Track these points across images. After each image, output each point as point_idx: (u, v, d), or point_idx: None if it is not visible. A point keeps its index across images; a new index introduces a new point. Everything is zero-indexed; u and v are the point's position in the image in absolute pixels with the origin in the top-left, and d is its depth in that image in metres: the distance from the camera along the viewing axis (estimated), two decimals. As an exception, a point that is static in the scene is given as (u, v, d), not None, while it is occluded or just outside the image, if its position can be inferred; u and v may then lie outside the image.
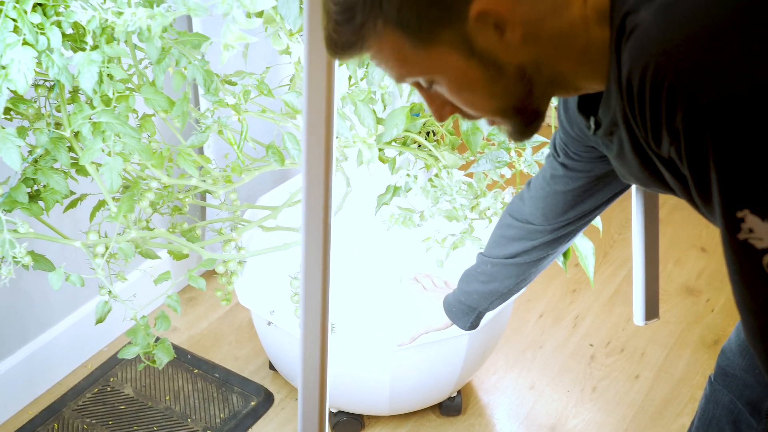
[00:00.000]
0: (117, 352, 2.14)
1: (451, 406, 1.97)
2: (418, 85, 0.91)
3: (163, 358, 1.47)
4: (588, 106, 0.99)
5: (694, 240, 2.55)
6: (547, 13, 0.85)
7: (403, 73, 0.88)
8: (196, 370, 2.11)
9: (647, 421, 1.99)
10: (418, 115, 1.61)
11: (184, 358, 2.13)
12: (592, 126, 0.97)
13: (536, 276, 1.40)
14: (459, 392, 1.97)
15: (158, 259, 1.72)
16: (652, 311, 1.39)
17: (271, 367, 2.09)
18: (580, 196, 1.22)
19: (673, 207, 2.68)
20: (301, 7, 1.39)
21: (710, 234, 2.57)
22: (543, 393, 2.06)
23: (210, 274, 2.31)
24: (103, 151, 1.43)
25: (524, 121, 0.91)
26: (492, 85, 0.88)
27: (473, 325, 1.52)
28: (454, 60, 0.85)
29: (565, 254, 1.56)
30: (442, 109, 0.92)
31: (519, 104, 0.90)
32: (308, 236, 1.19)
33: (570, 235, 1.31)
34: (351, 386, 1.80)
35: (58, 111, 1.51)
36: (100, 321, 1.45)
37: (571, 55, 0.88)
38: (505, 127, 0.93)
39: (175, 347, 2.14)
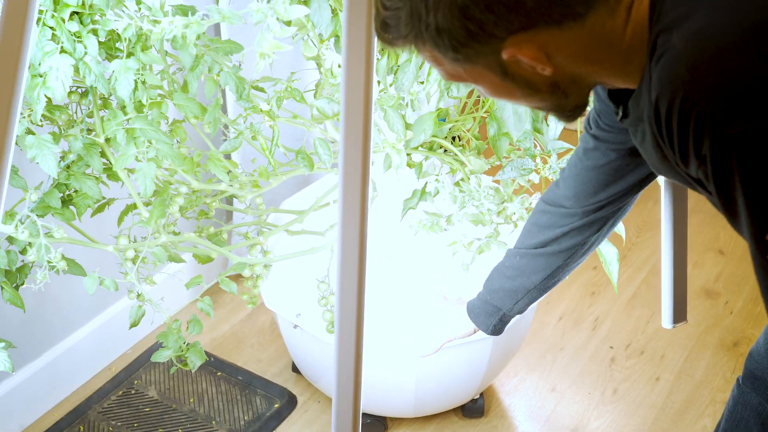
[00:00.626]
0: (141, 355, 2.16)
1: (474, 408, 1.98)
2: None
3: (195, 361, 1.49)
4: (618, 93, 1.02)
5: (711, 242, 2.56)
6: (585, 45, 0.88)
7: (450, 79, 0.95)
8: (219, 373, 2.13)
9: (668, 423, 2.00)
10: (444, 120, 1.62)
11: (207, 361, 2.15)
12: (620, 113, 1.00)
13: (564, 276, 1.39)
14: (481, 394, 1.99)
15: (184, 262, 1.74)
16: (680, 314, 1.40)
17: (294, 369, 2.11)
18: (611, 176, 1.23)
19: (691, 210, 2.68)
20: (332, 15, 1.41)
21: (728, 236, 2.58)
22: (564, 395, 2.08)
23: (234, 277, 2.33)
24: (136, 157, 1.44)
25: (565, 116, 0.96)
26: (528, 96, 0.93)
27: (496, 329, 1.47)
28: (490, 77, 0.91)
29: None
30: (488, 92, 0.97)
31: (556, 107, 0.95)
32: (344, 241, 1.20)
33: (600, 225, 1.30)
34: (376, 389, 1.82)
35: (91, 117, 1.53)
36: (134, 325, 1.47)
37: (606, 67, 0.92)
38: (549, 114, 0.99)
39: (199, 350, 2.16)
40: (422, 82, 1.51)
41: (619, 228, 1.49)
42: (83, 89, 1.53)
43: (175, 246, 1.66)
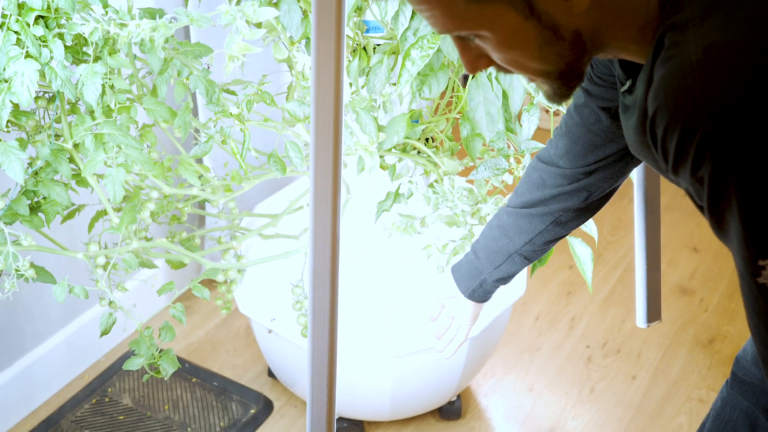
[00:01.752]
0: (115, 362, 2.13)
1: (451, 410, 1.98)
2: (457, 37, 0.88)
3: (168, 368, 1.47)
4: (629, 65, 0.95)
5: (686, 240, 2.57)
6: None
7: (450, 27, 0.84)
8: (194, 379, 2.11)
9: (646, 421, 2.01)
10: (417, 122, 1.61)
11: (182, 367, 2.13)
12: (627, 85, 0.94)
13: (544, 248, 1.33)
14: (459, 396, 1.98)
15: (156, 268, 1.72)
16: (654, 313, 1.40)
17: (270, 374, 2.09)
18: (600, 137, 1.19)
19: (665, 207, 2.70)
20: (303, 17, 1.40)
21: (702, 234, 2.59)
22: (541, 395, 2.08)
23: (207, 282, 2.31)
24: (105, 162, 1.42)
25: (565, 84, 0.89)
26: (544, 48, 0.85)
27: (475, 295, 1.38)
28: (509, 18, 0.82)
29: (539, 261, 1.54)
30: (476, 61, 0.88)
31: (565, 69, 0.87)
32: (317, 244, 1.19)
33: (588, 193, 1.25)
34: (352, 393, 1.80)
35: (58, 122, 1.51)
36: (105, 333, 1.45)
37: (629, 29, 0.86)
38: (544, 88, 0.91)
39: (173, 356, 2.14)
40: (394, 84, 1.50)
41: (591, 228, 1.49)
42: (50, 94, 1.50)
43: (146, 252, 1.64)
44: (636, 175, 1.44)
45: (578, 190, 1.23)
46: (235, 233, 1.82)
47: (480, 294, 1.37)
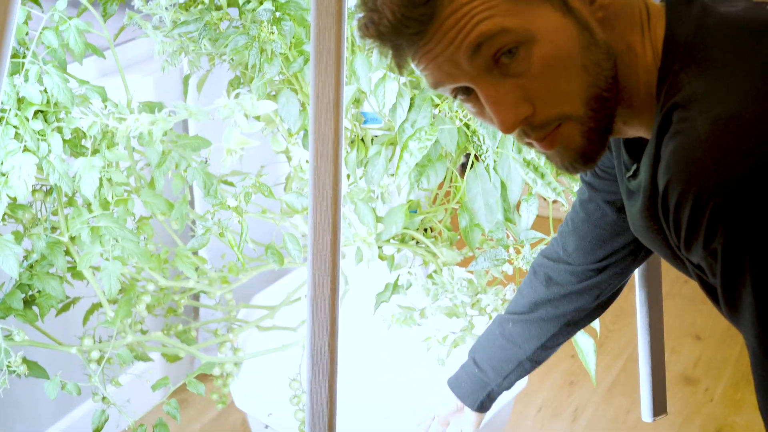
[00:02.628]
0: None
1: (454, 507, 1.91)
2: (471, 98, 0.85)
3: (162, 467, 1.43)
4: (633, 148, 0.95)
5: (688, 328, 2.54)
6: (621, 20, 0.85)
7: (493, 32, 0.81)
8: (189, 476, 2.05)
9: None
10: (415, 212, 1.61)
11: (176, 463, 2.07)
12: (632, 170, 0.93)
13: (555, 349, 1.31)
14: (461, 492, 1.92)
15: (151, 361, 1.69)
16: (660, 407, 1.37)
17: (267, 470, 2.04)
18: (608, 231, 1.17)
19: (666, 294, 2.67)
20: (301, 109, 1.40)
21: (704, 322, 2.56)
22: (546, 490, 2.02)
23: (203, 376, 2.27)
24: (101, 255, 1.41)
25: (594, 135, 0.86)
26: (585, 53, 0.83)
27: (483, 406, 1.36)
28: (550, 17, 0.81)
29: None
30: (517, 106, 0.83)
31: (605, 91, 0.84)
32: (315, 337, 1.17)
33: (598, 292, 1.23)
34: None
35: (55, 215, 1.50)
36: (97, 431, 1.41)
37: (631, 91, 0.87)
38: (567, 149, 0.87)
39: (168, 452, 2.09)
40: (392, 175, 1.50)
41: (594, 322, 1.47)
42: (47, 187, 1.50)
43: (141, 345, 1.61)
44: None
45: (589, 289, 1.22)
46: (232, 325, 1.79)
47: (488, 404, 1.36)
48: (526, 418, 2.23)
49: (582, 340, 1.48)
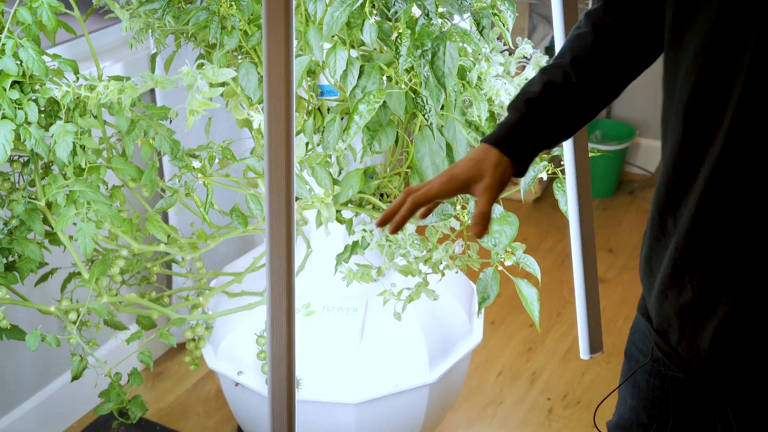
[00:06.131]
0: (85, 428, 2.17)
1: (417, 462, 2.03)
2: None
3: (136, 412, 1.53)
4: None
5: (641, 297, 2.67)
6: None
7: None
8: (165, 442, 2.15)
9: (605, 468, 2.06)
10: (372, 177, 1.72)
11: (152, 431, 2.17)
12: None
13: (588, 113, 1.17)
14: (423, 448, 2.04)
15: (127, 329, 1.79)
16: (596, 345, 1.49)
17: (240, 433, 2.14)
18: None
19: (622, 267, 2.81)
20: (259, 81, 1.52)
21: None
22: (505, 446, 2.14)
23: (174, 351, 2.37)
24: (77, 215, 1.51)
25: None
26: None
27: (511, 144, 1.12)
28: None
29: (484, 299, 1.62)
30: None
31: None
32: (273, 287, 1.28)
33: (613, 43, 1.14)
34: (318, 443, 1.86)
35: (32, 186, 1.60)
36: (75, 378, 1.51)
37: None
38: None
39: (145, 420, 2.19)
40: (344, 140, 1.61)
41: (534, 268, 1.59)
42: (24, 159, 1.60)
43: (117, 308, 1.72)
44: (571, 213, 1.55)
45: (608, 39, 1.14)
46: (203, 292, 1.90)
47: (517, 146, 1.13)
48: (486, 383, 2.34)
49: (526, 289, 1.60)
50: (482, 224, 1.09)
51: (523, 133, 1.14)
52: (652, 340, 1.19)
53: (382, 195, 1.78)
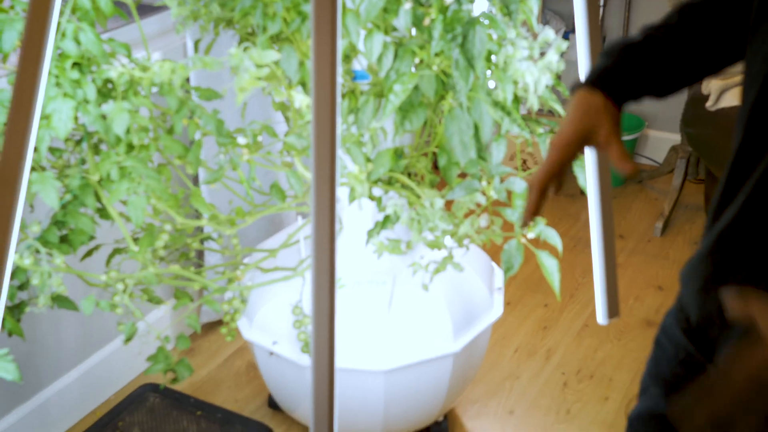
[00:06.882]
0: (125, 399, 2.28)
1: (439, 430, 2.13)
2: None
3: (184, 373, 1.64)
4: None
5: (651, 280, 2.78)
6: None
7: None
8: (199, 412, 2.26)
9: (619, 437, 2.17)
10: (401, 157, 1.83)
11: (186, 402, 2.28)
12: None
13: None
14: (445, 417, 2.14)
15: (165, 304, 1.90)
16: (613, 310, 1.59)
17: (270, 405, 2.25)
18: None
19: (631, 252, 2.92)
20: (301, 61, 1.62)
21: (665, 274, 2.80)
22: (522, 417, 2.24)
23: (205, 330, 2.48)
24: (127, 190, 1.62)
25: None
26: None
27: (609, 80, 1.09)
28: None
29: (508, 268, 1.71)
30: None
31: None
32: (317, 254, 1.38)
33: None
34: (347, 410, 1.96)
35: (84, 163, 1.71)
36: (129, 339, 1.62)
37: None
38: None
39: (179, 393, 2.29)
40: (379, 120, 1.72)
41: (556, 241, 1.70)
42: (78, 137, 1.71)
43: (161, 279, 1.82)
44: (592, 194, 1.65)
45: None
46: (239, 266, 2.00)
47: (616, 86, 1.08)
48: (503, 358, 2.45)
49: (547, 260, 1.70)
50: (628, 160, 1.03)
51: (621, 74, 1.08)
52: (682, 330, 1.19)
53: (409, 174, 1.89)
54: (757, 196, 0.98)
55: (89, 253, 1.89)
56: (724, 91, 2.65)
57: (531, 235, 1.72)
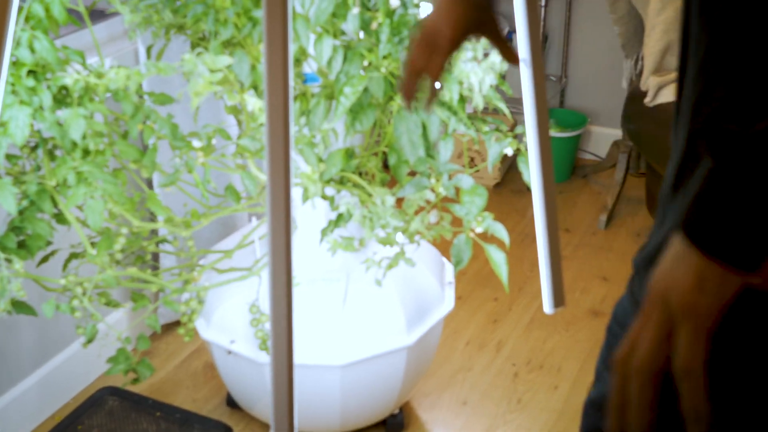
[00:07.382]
0: (84, 402, 2.30)
1: (395, 423, 2.19)
2: None
3: (145, 372, 1.67)
4: None
5: (596, 271, 2.87)
6: None
7: None
8: (158, 413, 2.28)
9: (567, 423, 2.25)
10: (352, 157, 1.88)
11: (145, 404, 2.30)
12: None
13: None
14: (401, 410, 2.20)
15: (123, 307, 1.93)
16: (558, 299, 1.66)
17: (228, 403, 2.29)
18: None
19: (577, 245, 3.01)
20: (252, 65, 1.67)
21: (610, 266, 2.90)
22: (475, 407, 2.31)
23: (164, 329, 2.51)
24: (84, 195, 1.65)
25: None
26: None
27: None
28: None
29: (458, 262, 1.78)
30: None
31: None
32: (274, 257, 1.43)
33: None
34: (303, 405, 2.01)
35: (39, 170, 1.73)
36: (90, 341, 1.65)
37: None
38: None
39: (137, 395, 2.32)
40: (330, 121, 1.77)
41: (503, 235, 1.77)
42: (33, 144, 1.74)
43: (119, 282, 1.85)
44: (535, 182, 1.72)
45: None
46: (195, 268, 2.04)
47: None
48: (455, 351, 2.52)
49: (495, 254, 1.77)
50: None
51: None
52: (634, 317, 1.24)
53: (360, 173, 1.95)
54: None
55: (45, 259, 1.92)
56: (661, 88, 2.75)
57: (479, 229, 1.79)
